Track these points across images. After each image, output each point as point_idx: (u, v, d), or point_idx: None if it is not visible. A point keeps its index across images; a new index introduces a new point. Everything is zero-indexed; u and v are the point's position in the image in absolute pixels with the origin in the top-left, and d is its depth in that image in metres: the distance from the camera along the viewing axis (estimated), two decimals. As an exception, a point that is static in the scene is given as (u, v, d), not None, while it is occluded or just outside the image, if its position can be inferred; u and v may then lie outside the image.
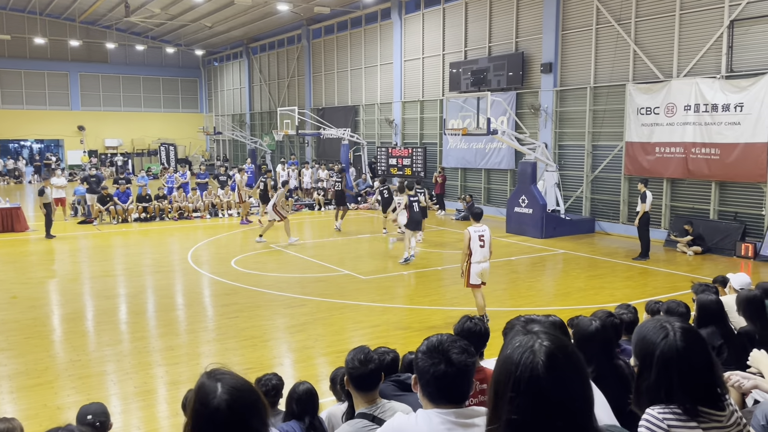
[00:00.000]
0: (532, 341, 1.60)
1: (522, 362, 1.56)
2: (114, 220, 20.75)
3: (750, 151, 14.53)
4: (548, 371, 1.53)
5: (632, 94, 16.99)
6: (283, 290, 11.69)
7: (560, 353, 1.58)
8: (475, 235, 9.10)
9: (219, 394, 1.81)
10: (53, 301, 11.41)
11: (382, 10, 26.73)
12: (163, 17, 34.00)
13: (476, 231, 9.14)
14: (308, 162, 29.59)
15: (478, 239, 9.10)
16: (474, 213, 9.51)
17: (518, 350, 1.59)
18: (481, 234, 9.14)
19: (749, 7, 14.57)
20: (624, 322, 4.75)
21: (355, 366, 3.27)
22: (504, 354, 1.64)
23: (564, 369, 1.56)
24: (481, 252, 9.10)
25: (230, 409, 1.79)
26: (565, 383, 1.55)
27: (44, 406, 6.77)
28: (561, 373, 1.55)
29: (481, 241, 9.11)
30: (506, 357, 1.61)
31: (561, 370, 1.55)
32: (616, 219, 18.09)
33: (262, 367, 7.46)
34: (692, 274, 12.45)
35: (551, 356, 1.56)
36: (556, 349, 1.58)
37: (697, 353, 2.16)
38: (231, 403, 1.79)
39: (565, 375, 1.56)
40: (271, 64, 37.05)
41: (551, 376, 1.53)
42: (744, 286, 6.11)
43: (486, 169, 22.49)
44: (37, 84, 40.34)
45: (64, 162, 41.27)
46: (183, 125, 44.41)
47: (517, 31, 20.71)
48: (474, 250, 9.07)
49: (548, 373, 1.53)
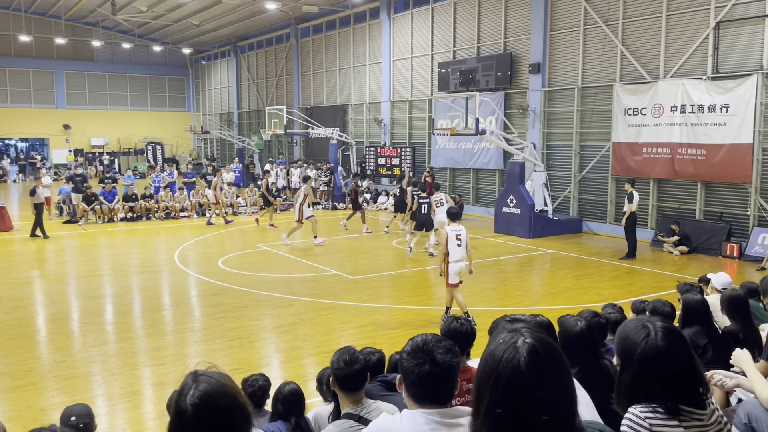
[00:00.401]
0: (515, 338, 1.61)
1: (504, 359, 1.57)
2: (99, 220, 20.59)
3: (735, 152, 14.66)
4: (530, 368, 1.54)
5: (619, 94, 17.09)
6: (271, 290, 11.65)
7: (543, 351, 1.59)
8: (453, 235, 9.20)
9: (189, 396, 1.80)
10: (38, 301, 11.29)
11: (371, 10, 26.71)
12: (149, 15, 33.78)
13: (453, 231, 9.24)
14: (297, 161, 29.51)
15: (455, 239, 9.20)
16: (451, 213, 9.65)
17: (501, 347, 1.60)
18: (458, 234, 9.23)
19: (735, 8, 14.71)
20: (610, 321, 4.77)
21: (340, 367, 3.26)
22: (487, 350, 1.65)
23: (546, 366, 1.57)
24: (458, 251, 9.19)
25: (196, 415, 1.79)
26: (547, 380, 1.56)
27: (28, 407, 6.69)
28: (543, 370, 1.56)
29: (458, 240, 9.21)
30: (489, 353, 1.62)
31: (543, 368, 1.56)
32: (604, 219, 18.19)
33: (249, 367, 7.43)
34: (678, 274, 12.54)
35: (533, 353, 1.57)
36: (539, 347, 1.59)
37: (679, 353, 2.17)
38: (198, 407, 1.79)
39: (546, 372, 1.57)
40: (259, 63, 36.92)
41: (533, 373, 1.54)
42: (725, 285, 6.17)
43: (474, 169, 22.53)
44: (22, 82, 39.92)
45: (49, 161, 40.89)
46: (170, 124, 44.13)
47: (506, 31, 20.77)
48: (451, 250, 9.18)
49: (530, 370, 1.54)
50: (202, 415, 1.79)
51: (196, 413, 1.79)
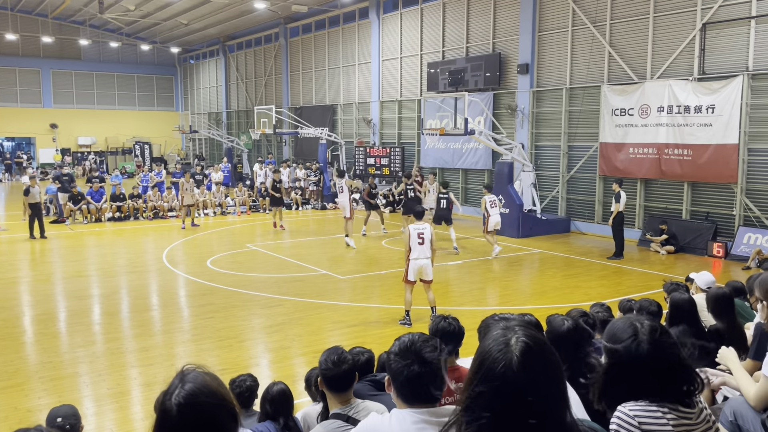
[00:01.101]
0: (509, 336, 1.60)
1: (497, 357, 1.56)
2: (86, 220, 20.43)
3: (721, 152, 14.80)
4: (522, 367, 1.53)
5: (607, 95, 17.19)
6: (260, 290, 11.62)
7: (536, 349, 1.58)
8: (414, 233, 9.30)
9: (175, 396, 1.79)
10: (24, 302, 11.19)
11: (360, 10, 26.70)
12: (137, 14, 33.55)
13: (416, 229, 9.36)
14: (287, 161, 29.42)
15: (417, 237, 9.28)
16: (415, 212, 10.03)
17: (494, 345, 1.59)
18: (421, 232, 9.32)
19: (721, 10, 14.84)
20: (598, 320, 4.80)
21: (328, 367, 3.26)
22: (480, 348, 1.64)
23: (538, 365, 1.56)
24: (419, 249, 9.28)
25: (180, 415, 1.77)
26: (539, 380, 1.55)
27: (14, 408, 6.63)
28: (535, 369, 1.55)
29: (420, 238, 9.29)
30: (482, 351, 1.61)
31: (535, 367, 1.56)
32: (592, 219, 18.30)
33: (237, 367, 7.41)
34: (665, 273, 12.63)
35: (526, 352, 1.56)
36: (533, 345, 1.58)
37: (666, 351, 2.19)
38: (183, 407, 1.78)
39: (539, 371, 1.56)
40: (248, 63, 36.79)
41: (525, 371, 1.54)
42: (709, 284, 6.21)
43: (463, 169, 22.59)
44: (8, 81, 39.53)
45: (35, 160, 40.52)
46: (158, 123, 43.86)
47: (494, 32, 20.84)
48: (413, 247, 9.28)
49: (522, 369, 1.53)
50: (187, 415, 1.77)
51: (180, 413, 1.77)
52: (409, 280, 9.38)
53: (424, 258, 9.31)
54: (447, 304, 9.68)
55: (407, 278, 9.39)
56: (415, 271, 9.31)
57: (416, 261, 9.30)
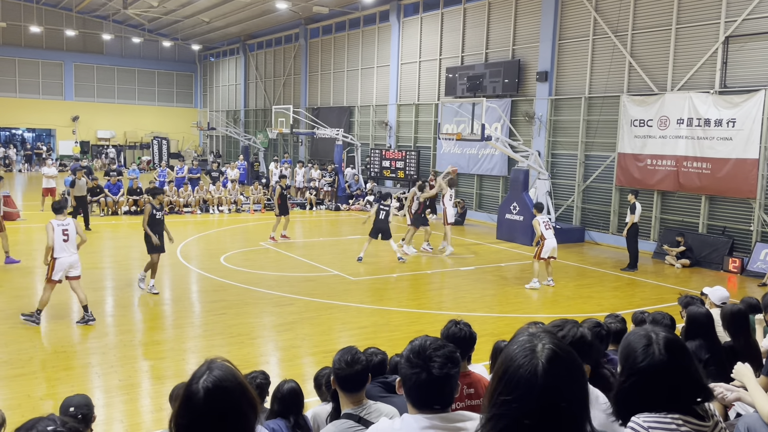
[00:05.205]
0: (535, 342, 1.61)
1: (522, 363, 1.57)
2: (103, 213, 20.62)
3: (741, 167, 14.65)
4: (549, 373, 1.54)
5: (626, 105, 17.09)
6: (272, 288, 11.66)
7: (563, 356, 1.59)
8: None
9: (203, 380, 1.82)
10: (39, 291, 11.29)
11: (381, 13, 26.76)
12: (160, 11, 33.86)
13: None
14: (302, 161, 29.53)
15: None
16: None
17: (519, 351, 1.60)
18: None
19: (745, 24, 14.71)
20: (612, 331, 4.77)
21: (341, 367, 3.26)
22: (505, 353, 1.65)
23: (564, 372, 1.57)
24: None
25: (206, 398, 1.79)
26: (563, 387, 1.56)
27: (28, 396, 6.71)
28: (561, 375, 1.56)
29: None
30: (507, 357, 1.62)
31: (561, 373, 1.57)
32: (606, 229, 18.18)
33: (248, 364, 7.43)
34: (680, 287, 12.52)
35: (553, 359, 1.57)
36: (560, 352, 1.59)
37: (681, 363, 2.17)
38: (211, 392, 1.80)
39: (564, 378, 1.57)
40: (268, 62, 36.98)
41: (551, 378, 1.54)
42: (724, 300, 6.15)
43: (478, 175, 22.54)
44: (31, 72, 40.04)
45: (55, 152, 40.99)
46: (177, 119, 44.22)
47: (515, 38, 20.79)
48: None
49: (548, 376, 1.54)
50: (214, 399, 1.79)
51: (207, 396, 1.79)
52: (55, 280, 9.02)
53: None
54: (459, 310, 9.66)
55: (51, 277, 8.96)
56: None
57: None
